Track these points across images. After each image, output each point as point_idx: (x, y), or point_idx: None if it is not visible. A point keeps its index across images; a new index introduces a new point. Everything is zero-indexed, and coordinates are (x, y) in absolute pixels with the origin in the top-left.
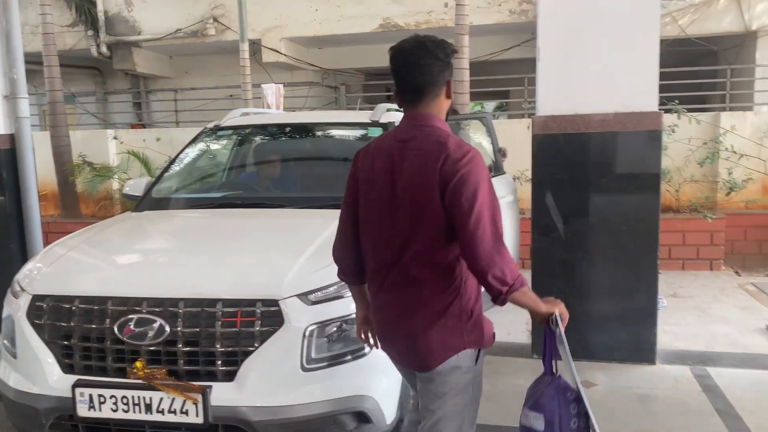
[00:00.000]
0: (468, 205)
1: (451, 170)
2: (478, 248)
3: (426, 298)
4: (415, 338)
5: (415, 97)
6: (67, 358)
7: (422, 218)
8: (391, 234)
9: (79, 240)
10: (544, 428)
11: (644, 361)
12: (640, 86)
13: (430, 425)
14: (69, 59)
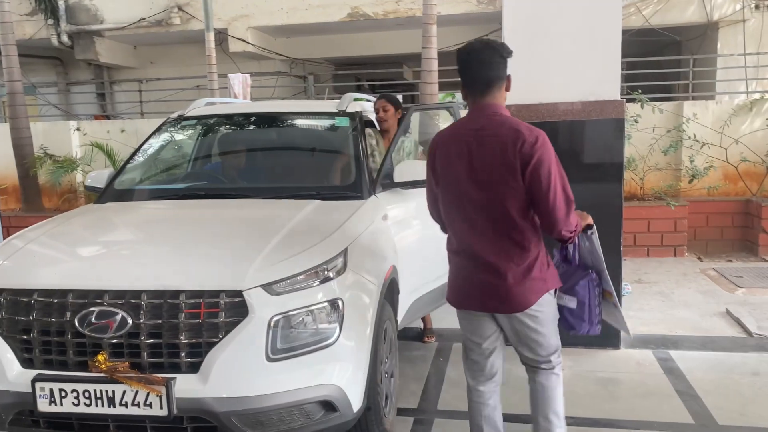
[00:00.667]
0: (546, 183)
1: (529, 152)
2: (556, 216)
3: (519, 256)
4: (511, 290)
5: (485, 90)
6: (27, 352)
7: (507, 193)
8: (482, 209)
9: (39, 232)
10: (577, 307)
11: (609, 346)
12: (603, 75)
13: (537, 345)
14: (29, 49)
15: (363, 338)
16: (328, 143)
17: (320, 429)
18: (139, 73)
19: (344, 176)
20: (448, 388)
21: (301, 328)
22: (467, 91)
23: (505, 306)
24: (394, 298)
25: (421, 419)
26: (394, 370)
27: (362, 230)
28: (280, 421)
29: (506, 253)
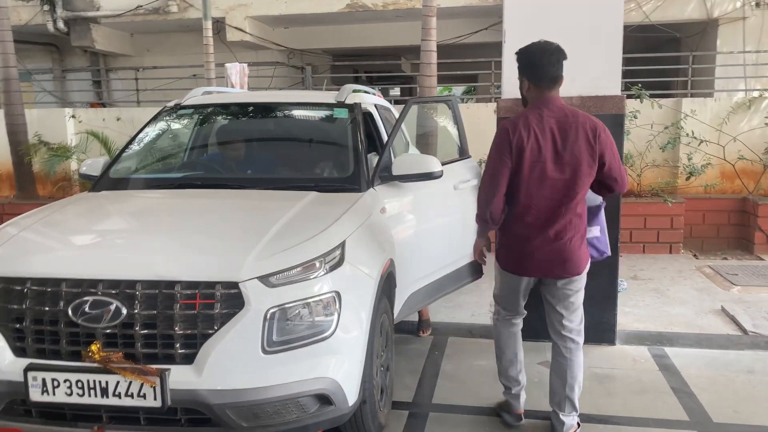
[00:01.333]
0: (617, 159)
1: (604, 138)
2: (624, 182)
3: (577, 228)
4: (573, 254)
5: (552, 86)
6: (19, 341)
7: (584, 174)
8: (560, 186)
9: (32, 220)
10: (600, 233)
11: (604, 342)
12: (604, 69)
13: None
14: (24, 35)
15: (359, 331)
16: (327, 134)
17: (315, 422)
18: (135, 61)
19: (342, 168)
20: (444, 382)
21: (297, 321)
22: (535, 84)
23: (566, 271)
24: (391, 291)
25: (415, 413)
26: (389, 364)
27: (360, 223)
28: (275, 414)
29: (571, 223)
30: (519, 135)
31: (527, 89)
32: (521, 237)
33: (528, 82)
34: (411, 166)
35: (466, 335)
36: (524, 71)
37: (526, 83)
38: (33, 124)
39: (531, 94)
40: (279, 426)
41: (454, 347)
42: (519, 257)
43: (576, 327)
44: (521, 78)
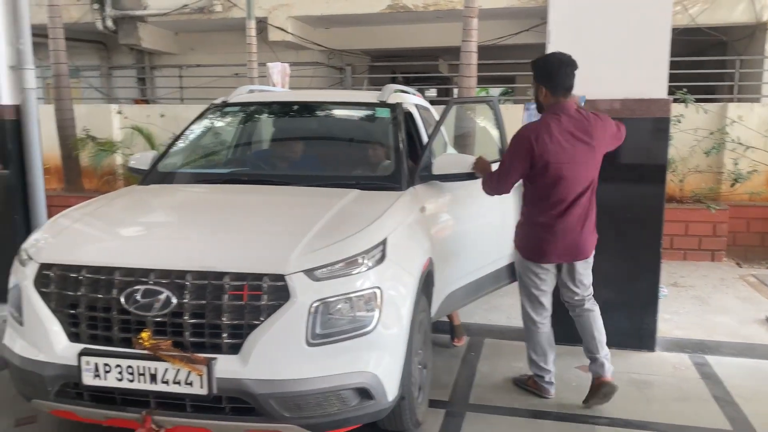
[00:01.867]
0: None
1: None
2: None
3: (591, 216)
4: (588, 238)
5: (566, 93)
6: (74, 326)
7: (596, 168)
8: (582, 180)
9: (85, 211)
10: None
11: (643, 348)
12: (650, 73)
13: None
14: (74, 33)
15: (399, 328)
16: (369, 133)
17: (355, 416)
18: (179, 59)
19: (383, 167)
20: (480, 382)
21: (339, 315)
22: (553, 92)
23: (580, 255)
24: (429, 290)
25: (452, 412)
26: (427, 362)
27: (401, 221)
28: (317, 405)
29: (586, 215)
30: (542, 141)
31: (544, 96)
32: (542, 228)
33: (546, 90)
34: (451, 166)
35: (500, 337)
36: (542, 80)
37: (544, 91)
38: (81, 119)
39: (548, 100)
40: (320, 418)
41: (490, 349)
42: (540, 245)
43: (589, 292)
44: (538, 86)
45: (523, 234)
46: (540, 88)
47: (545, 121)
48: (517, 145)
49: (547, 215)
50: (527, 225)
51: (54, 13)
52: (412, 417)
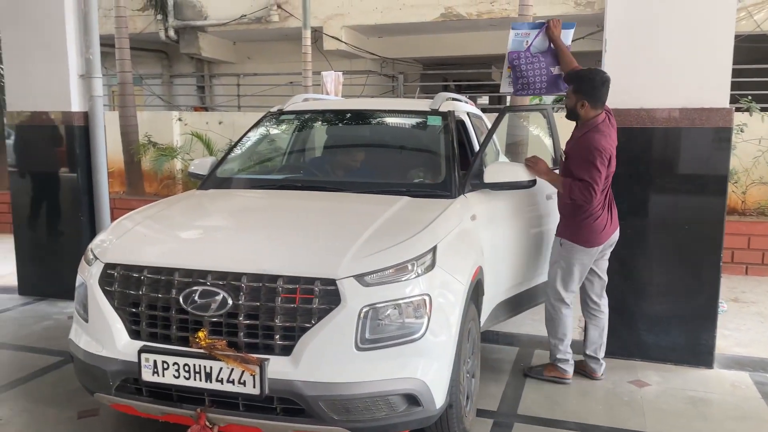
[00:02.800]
0: None
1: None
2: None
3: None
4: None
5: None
6: (134, 324)
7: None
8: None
9: (147, 214)
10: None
11: (701, 365)
12: (711, 81)
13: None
14: (138, 42)
15: (448, 336)
16: (420, 141)
17: (403, 422)
18: (236, 68)
19: (435, 174)
20: (529, 393)
21: (388, 321)
22: (593, 107)
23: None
24: (479, 299)
25: (500, 422)
26: (475, 371)
27: (451, 229)
28: (366, 409)
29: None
30: (610, 148)
31: (583, 107)
32: (597, 218)
33: (588, 104)
34: (503, 174)
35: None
36: (587, 95)
37: (586, 104)
38: (143, 126)
39: (588, 113)
40: (368, 422)
41: (539, 360)
42: (597, 230)
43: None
44: (580, 98)
45: (575, 225)
46: (582, 101)
47: (601, 131)
48: (600, 153)
49: (601, 204)
50: (586, 216)
51: (120, 24)
52: (459, 425)
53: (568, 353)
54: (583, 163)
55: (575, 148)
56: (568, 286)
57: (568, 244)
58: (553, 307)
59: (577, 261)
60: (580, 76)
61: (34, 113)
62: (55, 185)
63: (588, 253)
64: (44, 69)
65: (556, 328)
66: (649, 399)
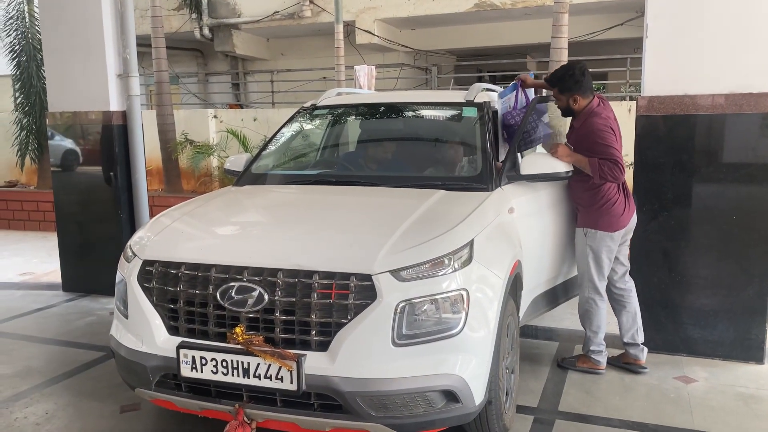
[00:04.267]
0: None
1: None
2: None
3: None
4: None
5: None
6: (173, 320)
7: None
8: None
9: (184, 211)
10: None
11: (751, 360)
12: (759, 64)
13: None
14: (174, 41)
15: (487, 331)
16: (455, 133)
17: (441, 418)
18: (270, 65)
19: (470, 167)
20: (570, 389)
21: (425, 316)
22: (584, 95)
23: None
24: (517, 293)
25: (541, 419)
26: (514, 367)
27: (488, 222)
28: (403, 406)
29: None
30: (612, 124)
31: (575, 102)
32: (618, 200)
33: (578, 97)
34: (539, 166)
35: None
36: (572, 89)
37: (576, 98)
38: (180, 124)
39: (581, 105)
40: (406, 419)
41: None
42: (620, 213)
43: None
44: (567, 95)
45: (598, 213)
46: (572, 97)
47: (603, 114)
48: (611, 132)
49: (616, 189)
50: (606, 202)
51: (156, 24)
52: (498, 422)
53: (602, 344)
54: (595, 146)
55: (580, 138)
56: (601, 274)
57: (592, 232)
58: (587, 300)
59: (604, 247)
60: (560, 76)
61: (75, 113)
62: (95, 184)
63: (612, 238)
64: (83, 70)
65: (592, 319)
66: (696, 395)
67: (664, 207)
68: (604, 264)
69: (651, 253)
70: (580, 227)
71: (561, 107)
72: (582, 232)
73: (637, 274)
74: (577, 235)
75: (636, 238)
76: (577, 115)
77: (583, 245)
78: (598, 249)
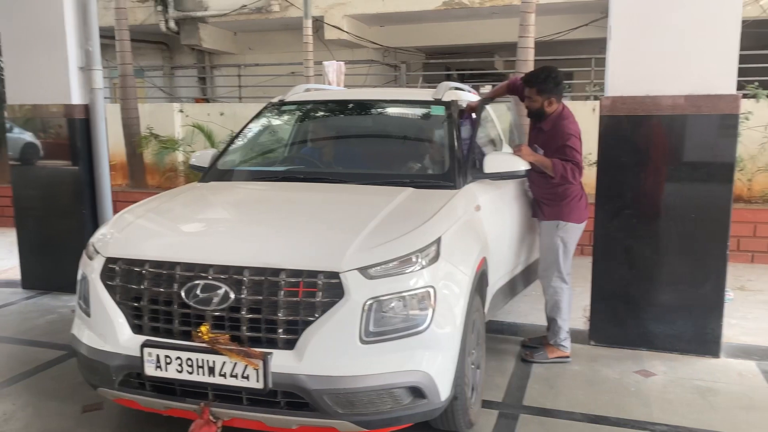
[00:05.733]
0: None
1: None
2: None
3: None
4: None
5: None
6: (137, 318)
7: None
8: None
9: (148, 207)
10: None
11: (707, 354)
12: (718, 67)
13: None
14: (139, 34)
15: (453, 328)
16: (423, 131)
17: (408, 414)
18: (237, 59)
19: (438, 165)
20: (535, 384)
21: (392, 314)
22: (559, 98)
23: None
24: (483, 290)
25: (505, 413)
26: (480, 362)
27: (456, 220)
28: (370, 403)
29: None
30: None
31: (550, 105)
32: (582, 194)
33: (554, 100)
34: (501, 164)
35: None
36: (551, 92)
37: (552, 101)
38: (144, 118)
39: (554, 107)
40: (373, 415)
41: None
42: (585, 208)
43: None
44: (544, 97)
45: (569, 208)
46: (549, 99)
47: (570, 117)
48: (578, 138)
49: (580, 184)
50: (573, 197)
51: (120, 16)
52: (464, 417)
53: (567, 332)
54: (565, 150)
55: (550, 140)
56: (567, 263)
57: (563, 224)
58: (555, 290)
59: (574, 237)
60: (543, 79)
61: (35, 106)
62: (56, 178)
63: (581, 229)
64: (44, 61)
65: (561, 308)
66: (655, 389)
67: (625, 205)
68: (570, 254)
69: (613, 250)
70: (549, 220)
71: (533, 108)
72: (553, 225)
73: (599, 270)
74: (546, 228)
75: (598, 235)
76: (546, 117)
77: (553, 237)
78: (569, 240)
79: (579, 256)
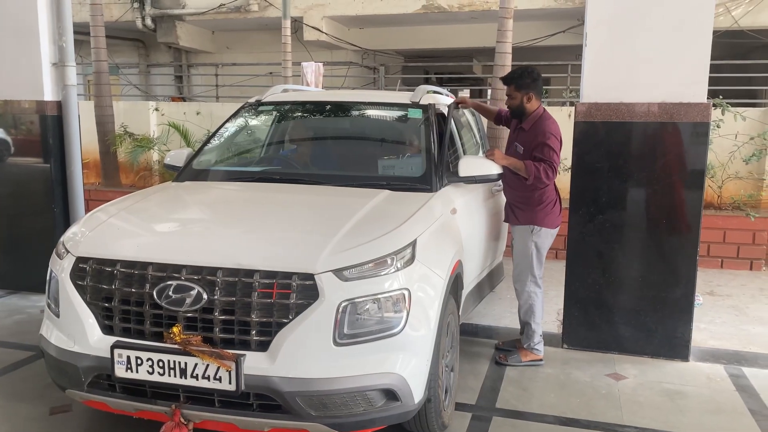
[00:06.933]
0: None
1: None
2: None
3: None
4: None
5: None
6: (107, 319)
7: None
8: None
9: (121, 207)
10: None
11: (677, 357)
12: (690, 76)
13: None
14: (114, 31)
15: (427, 330)
16: (400, 134)
17: (381, 417)
18: (215, 58)
19: (415, 168)
20: (508, 386)
21: (367, 316)
22: (540, 95)
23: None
24: (458, 292)
25: (479, 416)
26: (454, 365)
27: (431, 223)
28: (343, 405)
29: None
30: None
31: (529, 101)
32: (556, 200)
33: (533, 95)
34: (475, 168)
35: None
36: (529, 87)
37: (530, 96)
38: (119, 116)
39: (533, 105)
40: (346, 418)
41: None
42: (559, 214)
43: None
44: (523, 93)
45: (544, 212)
46: (527, 95)
47: (550, 118)
48: (557, 140)
49: (555, 188)
50: (549, 202)
51: (95, 12)
52: (438, 420)
53: (541, 334)
54: (543, 148)
55: (530, 139)
56: (541, 267)
57: (538, 229)
58: (530, 295)
59: (548, 242)
60: (519, 74)
61: (6, 102)
62: (27, 176)
63: (554, 234)
64: (15, 57)
65: (535, 312)
66: (626, 392)
67: (599, 210)
68: (543, 258)
69: (586, 255)
70: (523, 225)
71: (513, 106)
72: (527, 230)
73: (573, 275)
74: (520, 233)
75: (572, 239)
76: (526, 116)
77: (527, 242)
78: (543, 245)
79: (553, 260)
